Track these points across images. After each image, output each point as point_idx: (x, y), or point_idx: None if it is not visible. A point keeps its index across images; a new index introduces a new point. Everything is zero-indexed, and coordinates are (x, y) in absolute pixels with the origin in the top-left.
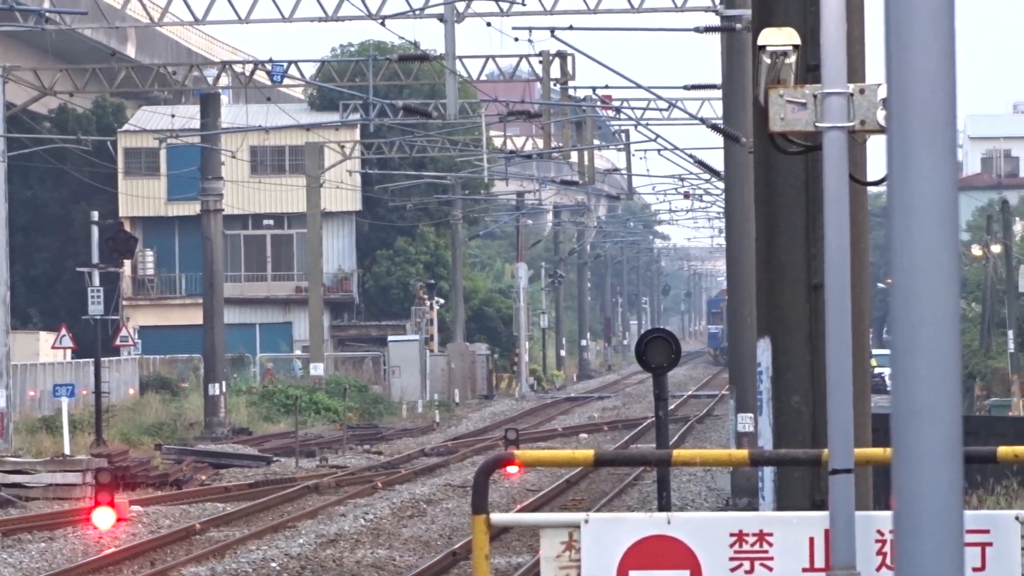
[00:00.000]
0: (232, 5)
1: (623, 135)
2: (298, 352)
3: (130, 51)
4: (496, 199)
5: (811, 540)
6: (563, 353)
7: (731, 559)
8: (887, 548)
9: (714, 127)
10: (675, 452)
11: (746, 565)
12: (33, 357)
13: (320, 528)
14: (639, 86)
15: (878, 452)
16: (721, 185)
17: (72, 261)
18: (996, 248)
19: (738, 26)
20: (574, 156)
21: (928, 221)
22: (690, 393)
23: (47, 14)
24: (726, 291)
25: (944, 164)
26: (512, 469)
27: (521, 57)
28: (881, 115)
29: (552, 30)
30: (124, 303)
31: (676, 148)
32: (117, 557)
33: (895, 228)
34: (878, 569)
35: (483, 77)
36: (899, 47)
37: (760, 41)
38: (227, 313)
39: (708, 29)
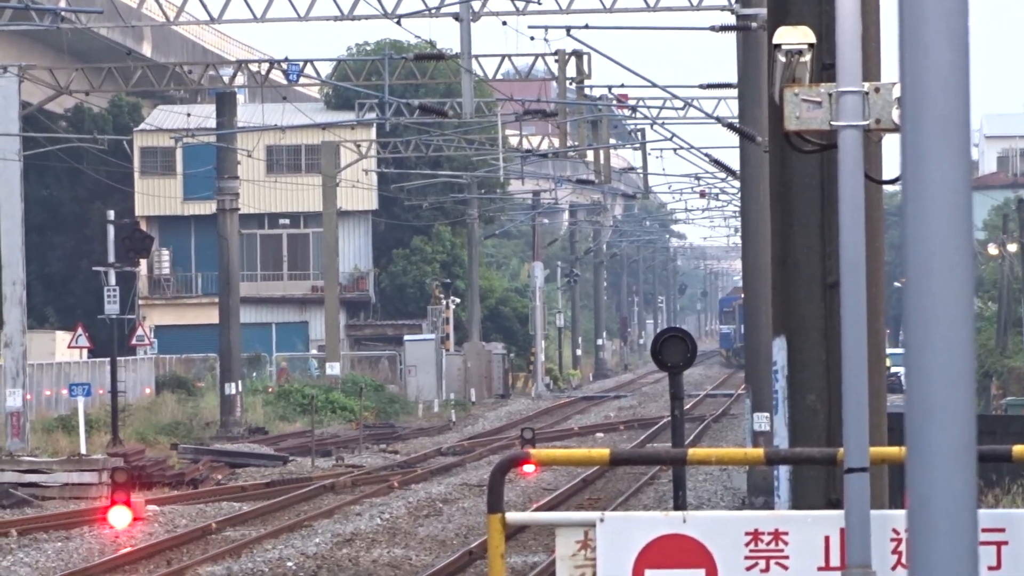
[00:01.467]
0: (248, 4)
1: (639, 134)
2: (314, 351)
3: (146, 50)
4: (512, 198)
5: (826, 539)
6: (579, 352)
7: (746, 558)
8: (902, 547)
9: (730, 126)
10: (691, 451)
11: (761, 564)
12: (49, 356)
13: (336, 527)
14: (655, 85)
15: (893, 451)
16: (737, 184)
17: (88, 260)
18: (1012, 247)
19: (754, 25)
20: (590, 155)
21: (942, 220)
22: (706, 392)
23: (63, 13)
24: (737, 290)
25: (958, 163)
26: (528, 468)
27: (537, 56)
28: (896, 114)
29: (568, 29)
30: (140, 302)
31: (692, 147)
32: (133, 556)
33: (909, 227)
34: (893, 568)
35: (499, 76)
36: (913, 45)
37: (775, 40)
38: (243, 312)
39: (724, 28)
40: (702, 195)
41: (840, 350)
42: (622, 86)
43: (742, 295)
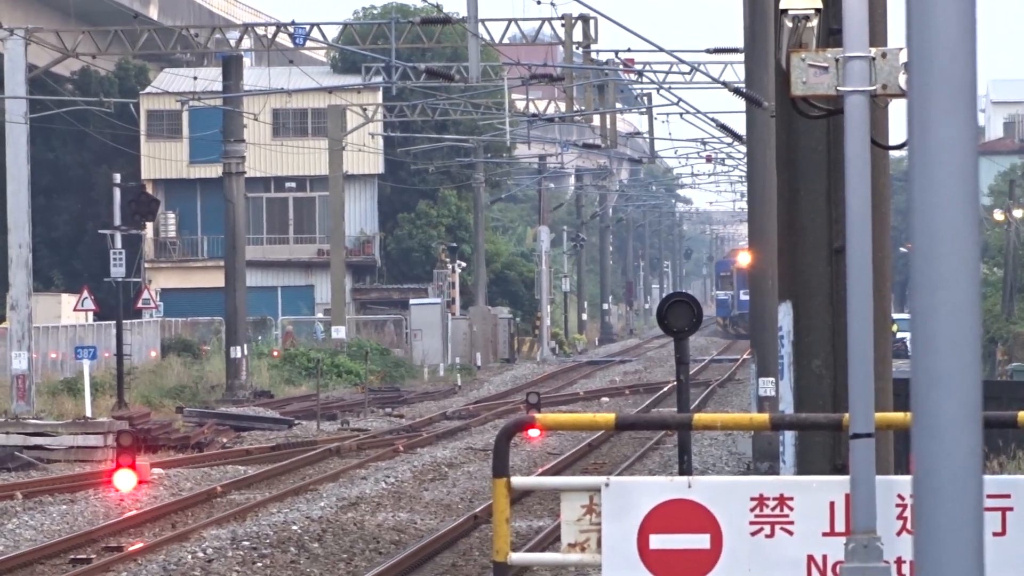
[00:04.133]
0: None
1: (645, 98)
2: (320, 315)
3: (152, 13)
4: (518, 162)
5: (831, 504)
6: (585, 317)
7: (751, 523)
8: (907, 512)
9: (736, 91)
10: (696, 416)
11: (766, 529)
12: (55, 319)
13: (341, 491)
14: (661, 49)
15: (899, 416)
16: (743, 149)
17: (94, 223)
18: (1018, 213)
19: None
20: (596, 120)
21: (948, 185)
22: (711, 357)
23: None
24: (734, 252)
25: (965, 128)
26: (533, 433)
27: (544, 20)
28: (902, 79)
29: None
30: (146, 265)
31: (698, 112)
32: (138, 519)
33: (915, 192)
34: (898, 533)
35: (505, 40)
36: (920, 10)
37: (782, 4)
38: (249, 276)
39: None
40: (708, 160)
41: (846, 315)
42: (628, 50)
43: (738, 257)
